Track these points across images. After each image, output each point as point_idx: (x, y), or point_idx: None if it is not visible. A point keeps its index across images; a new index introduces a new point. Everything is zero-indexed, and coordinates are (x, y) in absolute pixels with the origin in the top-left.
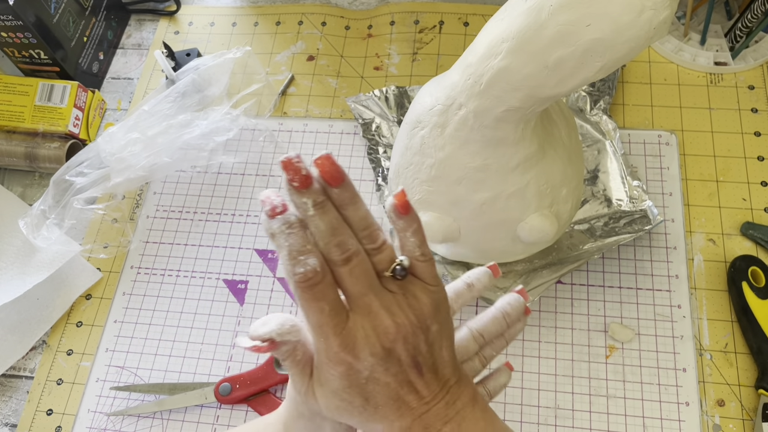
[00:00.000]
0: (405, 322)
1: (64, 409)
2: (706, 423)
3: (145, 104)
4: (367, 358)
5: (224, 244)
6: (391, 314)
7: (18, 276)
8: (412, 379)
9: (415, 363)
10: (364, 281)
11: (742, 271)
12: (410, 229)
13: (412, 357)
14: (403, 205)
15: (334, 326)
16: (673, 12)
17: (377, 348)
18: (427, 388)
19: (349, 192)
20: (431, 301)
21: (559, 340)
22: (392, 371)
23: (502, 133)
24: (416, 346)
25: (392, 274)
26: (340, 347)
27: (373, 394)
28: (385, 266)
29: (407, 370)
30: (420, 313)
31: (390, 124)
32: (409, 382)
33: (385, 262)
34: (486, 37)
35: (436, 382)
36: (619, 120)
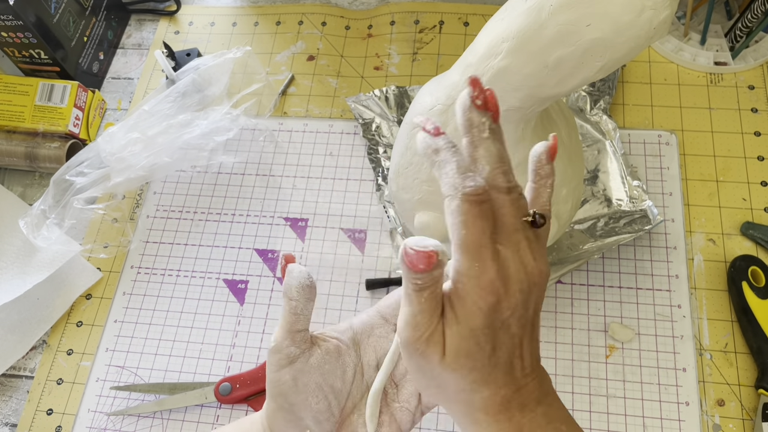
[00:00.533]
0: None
1: (65, 409)
2: (706, 423)
3: (145, 104)
4: (515, 294)
5: (224, 243)
6: (535, 258)
7: (18, 276)
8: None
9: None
10: (519, 216)
11: (742, 271)
12: (549, 180)
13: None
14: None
15: (492, 251)
16: (673, 12)
17: (525, 285)
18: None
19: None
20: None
21: (559, 340)
22: (521, 322)
23: None
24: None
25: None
26: (497, 274)
27: (501, 344)
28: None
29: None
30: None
31: (390, 124)
32: (522, 344)
33: (525, 208)
34: (486, 37)
35: (531, 357)
36: (619, 120)
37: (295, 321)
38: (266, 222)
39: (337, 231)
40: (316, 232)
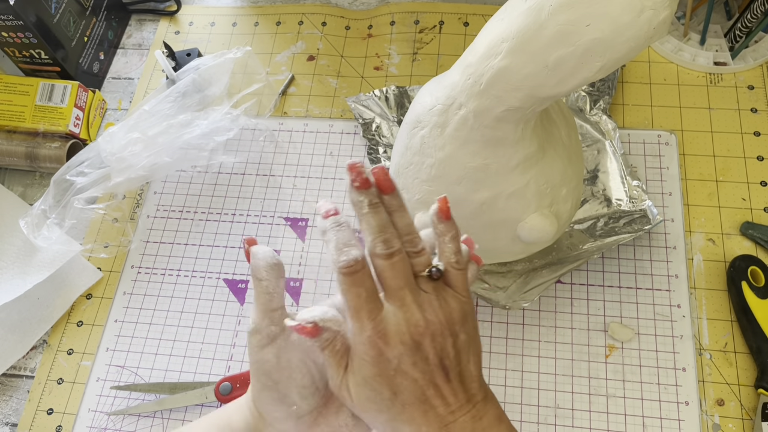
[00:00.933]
0: (434, 320)
1: (65, 409)
2: (706, 422)
3: (145, 104)
4: (397, 345)
5: (224, 243)
6: (422, 310)
7: (18, 276)
8: (439, 383)
9: (442, 365)
10: (402, 277)
11: (742, 271)
12: (449, 235)
13: (440, 358)
14: (445, 210)
15: (369, 311)
16: (672, 12)
17: (406, 337)
18: (453, 395)
19: (397, 200)
20: (460, 308)
21: (559, 340)
22: (420, 367)
23: (502, 132)
24: (443, 348)
25: (428, 274)
26: (373, 331)
27: (401, 388)
28: (422, 269)
29: (434, 371)
30: (449, 317)
31: (390, 124)
32: (436, 384)
33: (422, 264)
34: (486, 37)
35: (462, 392)
36: (618, 120)
37: (270, 300)
38: (266, 222)
39: None
40: (316, 232)
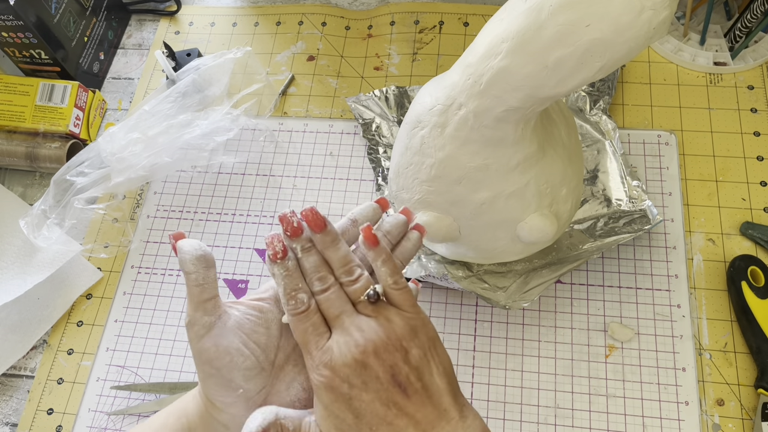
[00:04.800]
0: (374, 337)
1: (65, 409)
2: (706, 422)
3: (145, 104)
4: (342, 369)
5: (224, 243)
6: (360, 330)
7: (19, 276)
8: (398, 400)
9: (397, 382)
10: (338, 306)
11: (742, 271)
12: (380, 259)
13: (392, 375)
14: (370, 238)
15: (316, 342)
16: (672, 12)
17: (349, 359)
18: (421, 412)
19: (330, 236)
20: (405, 324)
21: (559, 340)
22: (372, 387)
23: (502, 133)
24: (394, 365)
25: (366, 298)
26: (319, 359)
27: (361, 410)
28: (359, 294)
29: (389, 389)
30: (392, 333)
31: (390, 124)
32: (396, 403)
33: (359, 291)
34: (486, 37)
35: (431, 408)
36: (618, 120)
37: (201, 292)
38: (266, 222)
39: None
40: None
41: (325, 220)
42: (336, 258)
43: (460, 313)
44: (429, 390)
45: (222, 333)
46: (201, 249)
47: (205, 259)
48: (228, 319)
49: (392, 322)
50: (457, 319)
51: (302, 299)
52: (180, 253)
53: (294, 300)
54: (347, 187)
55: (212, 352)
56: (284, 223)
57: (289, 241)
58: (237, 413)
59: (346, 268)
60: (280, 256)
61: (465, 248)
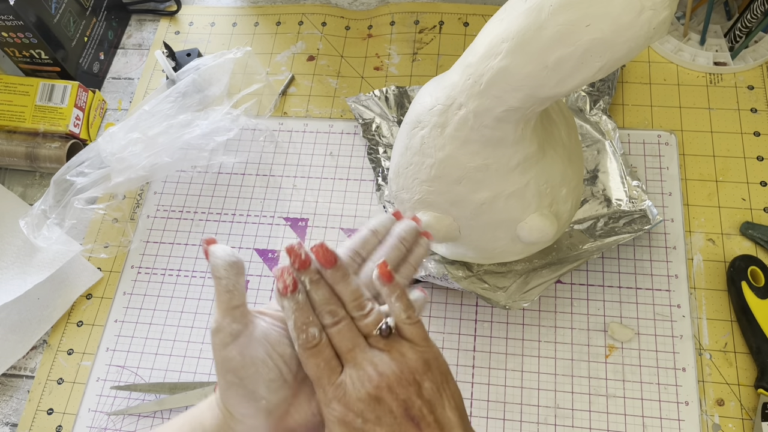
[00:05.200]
0: (388, 372)
1: (65, 409)
2: (706, 422)
3: (145, 104)
4: (356, 404)
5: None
6: (374, 365)
7: (18, 276)
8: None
9: (410, 416)
10: (350, 339)
11: (742, 271)
12: (394, 295)
13: (405, 409)
14: (385, 274)
15: (329, 377)
16: (672, 12)
17: (362, 393)
18: None
19: (340, 271)
20: (418, 357)
21: (559, 340)
22: (386, 421)
23: (502, 133)
24: (407, 399)
25: (378, 332)
26: (333, 394)
27: None
28: (372, 328)
29: (402, 423)
30: (405, 367)
31: (390, 124)
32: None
33: (371, 325)
34: (486, 37)
35: None
36: (618, 120)
37: (230, 298)
38: (266, 222)
39: (337, 231)
40: (316, 232)
41: (335, 254)
42: (347, 293)
43: (460, 313)
44: (441, 423)
45: (248, 342)
46: (234, 256)
47: (237, 265)
48: (255, 328)
49: (405, 356)
50: (457, 319)
51: (313, 333)
52: (212, 257)
53: (305, 334)
54: (347, 187)
55: (237, 362)
56: (292, 256)
57: (297, 273)
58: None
59: (357, 303)
60: (291, 290)
61: (465, 248)
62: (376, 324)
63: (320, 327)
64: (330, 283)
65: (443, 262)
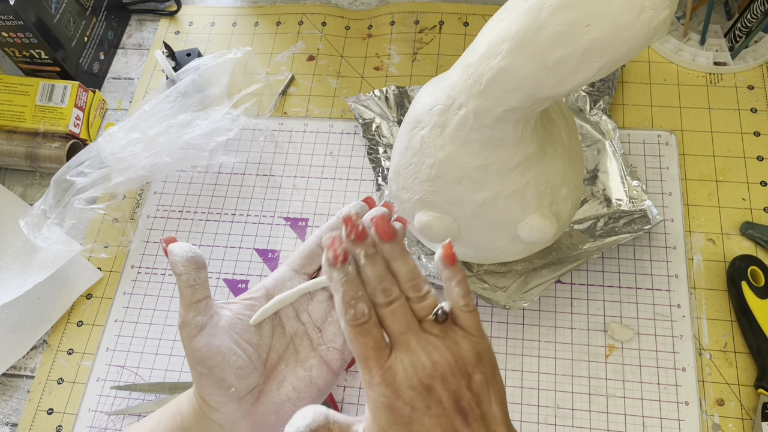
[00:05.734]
0: (442, 361)
1: (65, 409)
2: (706, 422)
3: (145, 104)
4: (406, 391)
5: (224, 243)
6: (428, 352)
7: (19, 275)
8: (458, 427)
9: (459, 408)
10: (403, 322)
11: (742, 271)
12: (455, 279)
13: (455, 401)
14: (450, 256)
15: (377, 359)
16: (672, 12)
17: (414, 381)
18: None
19: (399, 247)
20: (472, 348)
21: (559, 340)
22: (434, 411)
23: (502, 133)
24: (458, 390)
25: (434, 317)
26: (381, 378)
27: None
28: (427, 312)
29: (451, 414)
30: (459, 357)
31: (390, 124)
32: (455, 429)
33: (427, 308)
34: (486, 37)
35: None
36: (618, 120)
37: (192, 293)
38: (266, 222)
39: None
40: None
41: (395, 228)
42: (404, 271)
43: None
44: (487, 418)
45: (214, 333)
46: (191, 251)
47: (195, 260)
48: (219, 319)
49: (459, 345)
50: None
51: (362, 310)
52: (171, 255)
53: (354, 309)
54: (347, 187)
55: (204, 352)
56: (348, 226)
57: (352, 245)
58: (229, 412)
59: (414, 283)
60: (342, 260)
61: (465, 248)
62: (431, 308)
63: (370, 304)
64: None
65: None
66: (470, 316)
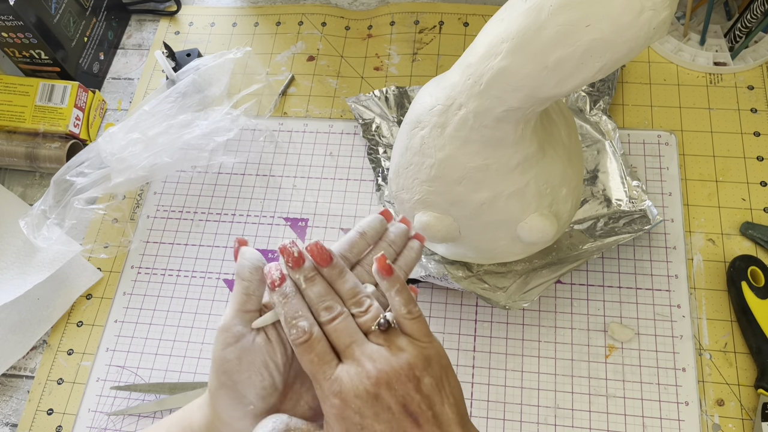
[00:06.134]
0: (386, 368)
1: (65, 409)
2: (706, 422)
3: (145, 104)
4: (353, 400)
5: (224, 244)
6: (372, 360)
7: (18, 276)
8: (409, 430)
9: (407, 412)
10: (347, 335)
11: (742, 271)
12: (393, 289)
13: (403, 405)
14: (385, 268)
15: (323, 372)
16: (672, 12)
17: (360, 390)
18: None
19: (336, 269)
20: (418, 353)
21: (559, 340)
22: (383, 417)
23: (502, 133)
24: (405, 395)
25: (377, 327)
26: (329, 390)
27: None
28: (370, 324)
29: (401, 419)
30: (404, 363)
31: (390, 124)
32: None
33: (370, 321)
34: (486, 37)
35: None
36: (618, 120)
37: (246, 301)
38: (266, 222)
39: (337, 231)
40: (316, 232)
41: (330, 253)
42: (344, 290)
43: (460, 313)
44: (439, 419)
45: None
46: (262, 261)
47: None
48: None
49: (404, 350)
50: (457, 319)
51: (303, 327)
52: (241, 258)
53: (295, 329)
54: (347, 187)
55: (234, 364)
56: (285, 255)
57: (292, 272)
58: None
59: (356, 300)
60: (278, 284)
61: (465, 248)
62: (374, 320)
63: (312, 321)
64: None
65: (443, 262)
66: (415, 323)
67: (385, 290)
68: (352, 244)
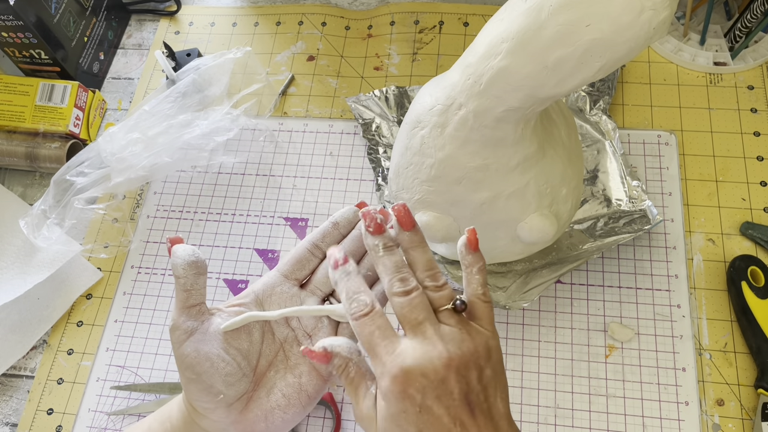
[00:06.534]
0: (457, 353)
1: (65, 409)
2: (706, 422)
3: (145, 104)
4: (419, 379)
5: (224, 244)
6: (444, 343)
7: (18, 276)
8: (464, 419)
9: (467, 400)
10: (421, 311)
11: (742, 271)
12: (477, 266)
13: (465, 393)
14: (473, 241)
15: (385, 346)
16: (672, 12)
17: (429, 369)
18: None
19: (418, 236)
20: (485, 342)
21: (559, 340)
22: (444, 402)
23: (502, 133)
24: (469, 383)
25: (453, 306)
26: (392, 364)
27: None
28: (444, 302)
29: (459, 407)
30: (473, 350)
31: (390, 124)
32: (462, 421)
33: (444, 298)
34: (486, 37)
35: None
36: (618, 120)
37: (187, 297)
38: (266, 222)
39: None
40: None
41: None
42: (423, 260)
43: None
44: (491, 412)
45: (203, 339)
46: (194, 255)
47: (196, 265)
48: (210, 324)
49: (474, 338)
50: None
51: (364, 300)
52: (173, 257)
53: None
54: (347, 187)
55: (193, 358)
56: (366, 219)
57: (371, 238)
58: (218, 419)
59: (432, 273)
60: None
61: None
62: (449, 299)
63: (373, 298)
64: (405, 248)
65: (443, 262)
66: (486, 307)
67: (467, 266)
68: (325, 234)
